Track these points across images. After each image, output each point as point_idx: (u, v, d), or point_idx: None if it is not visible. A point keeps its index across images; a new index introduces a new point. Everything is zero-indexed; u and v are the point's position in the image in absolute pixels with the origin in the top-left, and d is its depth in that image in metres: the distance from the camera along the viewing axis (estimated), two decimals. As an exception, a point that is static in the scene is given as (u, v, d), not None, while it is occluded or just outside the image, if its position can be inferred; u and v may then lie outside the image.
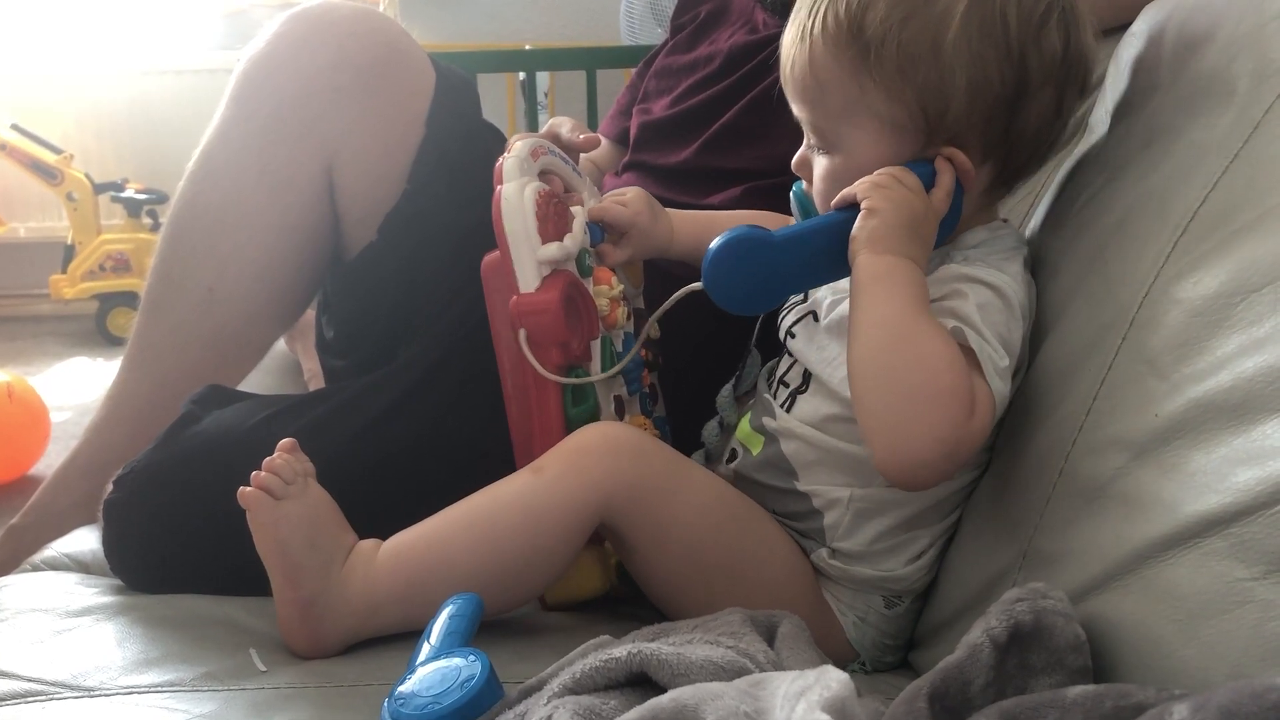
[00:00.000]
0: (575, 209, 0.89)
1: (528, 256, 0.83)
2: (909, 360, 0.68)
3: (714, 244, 0.74)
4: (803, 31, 0.77)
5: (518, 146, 0.88)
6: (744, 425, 0.88)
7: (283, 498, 0.77)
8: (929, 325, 0.69)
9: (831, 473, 0.81)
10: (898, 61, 0.73)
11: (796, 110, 0.80)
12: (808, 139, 0.81)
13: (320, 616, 0.77)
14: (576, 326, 0.84)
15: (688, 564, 0.80)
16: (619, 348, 0.91)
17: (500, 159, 0.87)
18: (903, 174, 0.74)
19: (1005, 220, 0.83)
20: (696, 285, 0.78)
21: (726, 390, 0.93)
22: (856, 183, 0.74)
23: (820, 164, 0.79)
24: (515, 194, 0.84)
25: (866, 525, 0.80)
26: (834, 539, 0.81)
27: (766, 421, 0.85)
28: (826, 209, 0.79)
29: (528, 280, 0.83)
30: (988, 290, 0.74)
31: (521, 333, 0.83)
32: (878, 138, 0.75)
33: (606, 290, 0.89)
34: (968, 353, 0.70)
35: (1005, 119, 0.74)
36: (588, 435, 0.81)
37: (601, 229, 0.92)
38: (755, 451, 0.85)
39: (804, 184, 0.83)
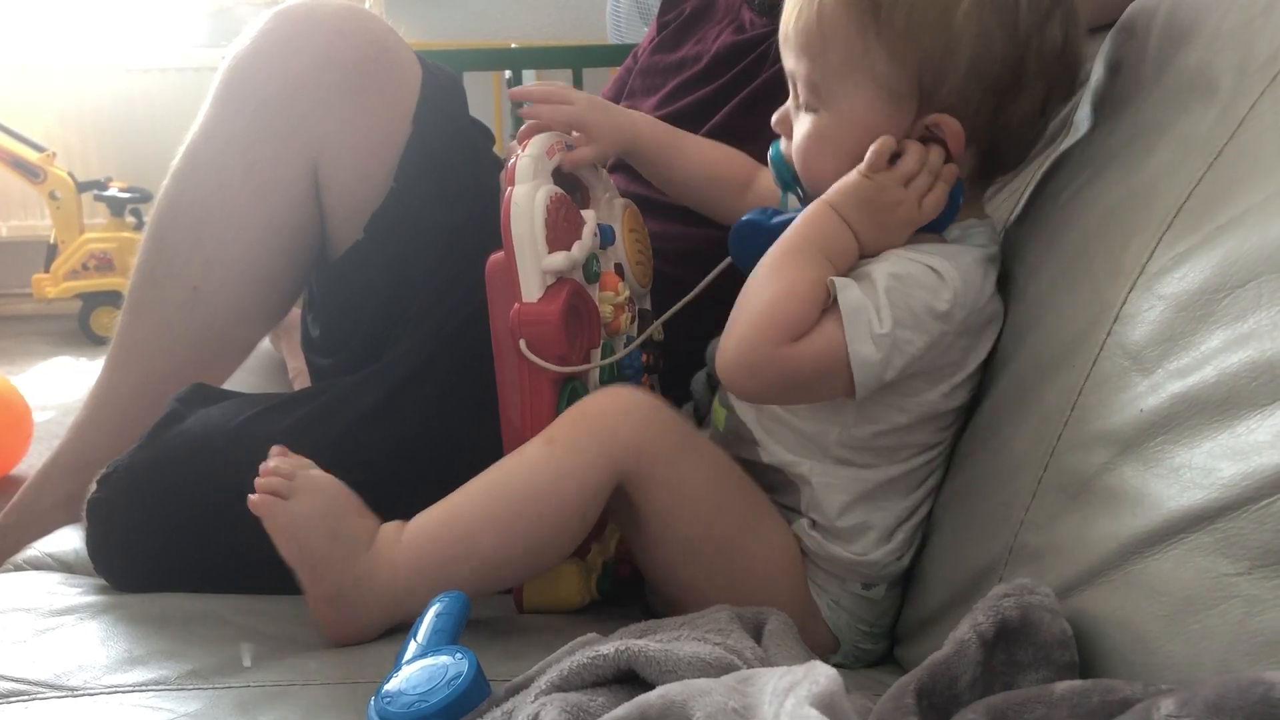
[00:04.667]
0: (586, 213, 0.88)
1: (532, 265, 0.81)
2: (760, 280, 0.76)
3: (732, 227, 0.84)
4: None
5: (532, 144, 0.87)
6: (716, 403, 0.89)
7: (290, 496, 0.77)
8: (797, 260, 0.75)
9: (788, 443, 0.82)
10: (907, 24, 0.74)
11: (791, 63, 0.80)
12: (794, 96, 0.81)
13: (354, 606, 0.77)
14: (577, 336, 0.83)
15: (694, 530, 0.80)
16: (624, 360, 0.91)
17: (514, 157, 0.85)
18: (913, 168, 0.75)
19: (987, 217, 0.84)
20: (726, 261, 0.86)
21: (702, 374, 0.92)
22: (870, 161, 0.75)
23: (805, 121, 0.80)
24: (526, 198, 0.82)
25: (831, 499, 0.81)
26: (810, 510, 0.83)
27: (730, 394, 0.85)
28: (806, 168, 0.81)
29: (530, 289, 0.81)
30: (920, 266, 0.75)
31: (522, 340, 0.82)
32: (872, 100, 0.76)
33: (612, 296, 0.88)
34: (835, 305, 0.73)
35: (995, 104, 0.75)
36: (599, 401, 0.81)
37: (611, 229, 0.92)
38: (720, 425, 0.86)
39: (782, 143, 0.84)
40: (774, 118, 0.84)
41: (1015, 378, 0.77)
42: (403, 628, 0.77)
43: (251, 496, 0.77)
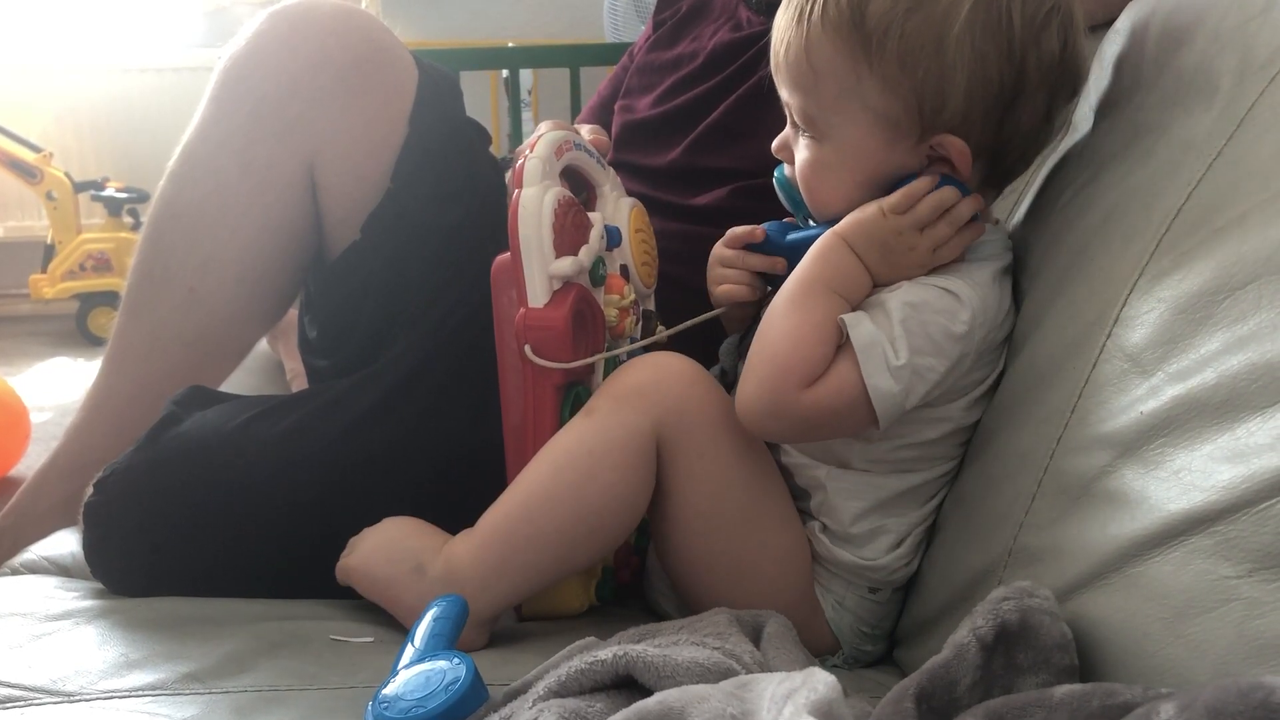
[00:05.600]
0: (593, 215, 0.87)
1: (539, 269, 0.81)
2: (773, 324, 0.76)
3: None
4: (800, 14, 0.76)
5: (542, 144, 0.86)
6: None
7: (352, 551, 0.84)
8: (809, 302, 0.75)
9: (809, 449, 0.82)
10: (899, 54, 0.73)
11: (785, 95, 0.80)
12: (791, 123, 0.81)
13: None
14: (582, 342, 0.83)
15: (719, 500, 0.80)
16: (624, 358, 0.90)
17: (522, 159, 0.85)
18: (926, 216, 0.75)
19: (998, 222, 0.83)
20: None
21: (731, 341, 0.92)
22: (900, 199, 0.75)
23: (806, 150, 0.80)
24: (534, 201, 0.81)
25: (845, 505, 0.81)
26: (821, 514, 0.82)
27: None
28: (810, 196, 0.81)
29: (537, 294, 0.81)
30: (935, 290, 0.75)
31: (527, 345, 0.81)
32: (869, 130, 0.76)
33: (617, 300, 0.87)
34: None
35: (999, 119, 0.75)
36: (639, 366, 0.82)
37: (618, 231, 0.92)
38: None
39: (785, 168, 0.84)
40: (775, 144, 0.83)
41: (1016, 380, 0.77)
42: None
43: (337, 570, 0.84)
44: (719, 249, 0.89)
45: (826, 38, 0.75)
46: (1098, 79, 0.84)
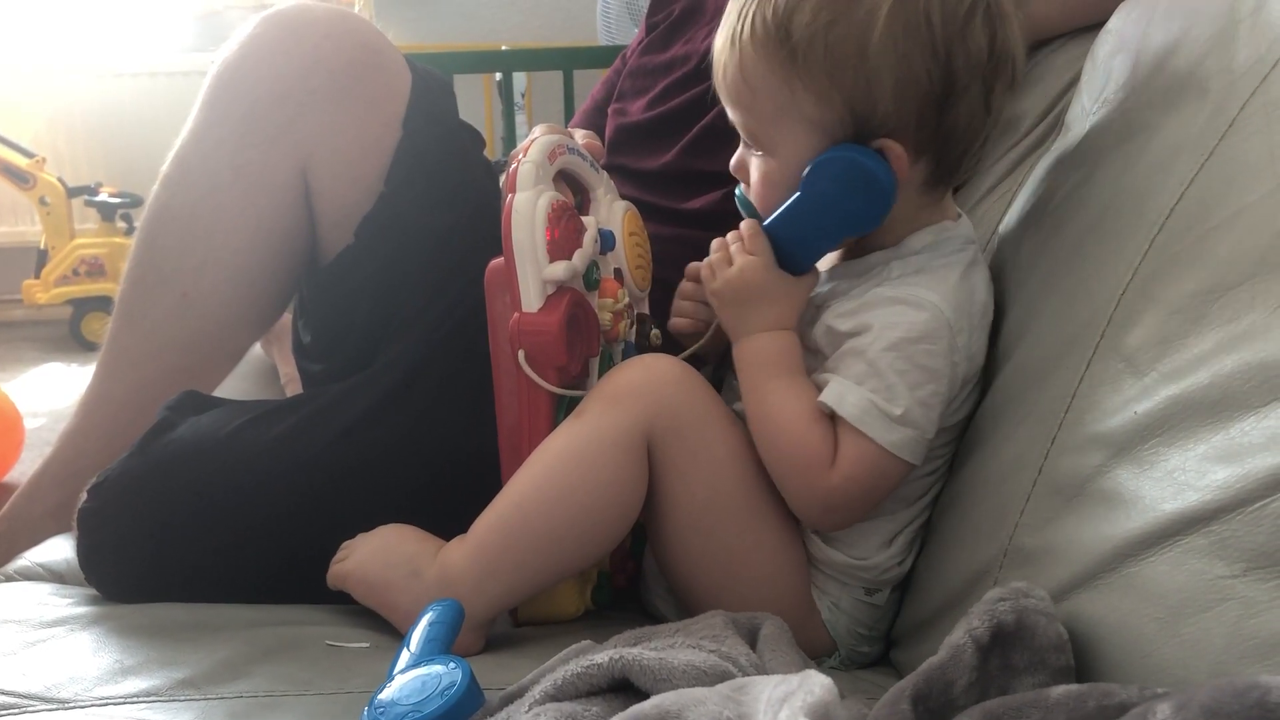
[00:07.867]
0: (587, 219, 0.87)
1: (532, 274, 0.81)
2: (763, 436, 0.79)
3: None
4: (733, 36, 0.78)
5: (534, 149, 0.86)
6: None
7: (348, 556, 0.84)
8: (774, 401, 0.79)
9: None
10: (825, 64, 0.74)
11: (730, 114, 0.82)
12: (743, 142, 0.83)
13: None
14: (577, 346, 0.83)
15: (711, 498, 0.81)
16: (619, 360, 0.90)
17: (515, 163, 0.85)
18: (735, 247, 0.82)
19: (960, 216, 0.83)
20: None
21: (704, 372, 0.92)
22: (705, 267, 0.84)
23: (755, 166, 0.81)
24: (527, 205, 0.81)
25: None
26: None
27: (738, 406, 0.85)
28: (765, 211, 0.82)
29: (530, 299, 0.81)
30: (907, 317, 0.75)
31: (521, 351, 0.81)
32: (810, 140, 0.77)
33: (611, 304, 0.87)
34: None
35: (935, 117, 0.75)
36: (629, 368, 0.82)
37: (611, 234, 0.92)
38: None
39: (743, 186, 0.85)
40: (731, 164, 0.85)
41: (1010, 381, 0.77)
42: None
43: (329, 576, 0.85)
44: (681, 285, 0.91)
45: (758, 56, 0.76)
46: (1090, 79, 0.84)
